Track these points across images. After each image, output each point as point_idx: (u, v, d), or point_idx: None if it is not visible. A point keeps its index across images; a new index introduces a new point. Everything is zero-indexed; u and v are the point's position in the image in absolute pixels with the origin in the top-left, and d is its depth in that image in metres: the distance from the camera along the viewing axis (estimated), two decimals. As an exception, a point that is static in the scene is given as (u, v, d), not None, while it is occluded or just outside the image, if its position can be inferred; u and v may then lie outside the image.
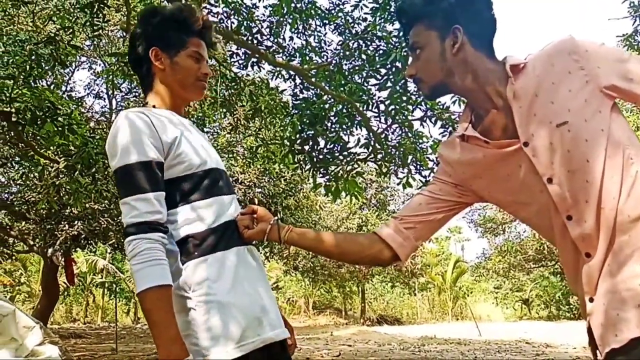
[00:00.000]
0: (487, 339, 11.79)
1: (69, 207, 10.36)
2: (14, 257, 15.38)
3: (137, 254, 1.22)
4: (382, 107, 6.30)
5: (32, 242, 12.14)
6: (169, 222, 1.31)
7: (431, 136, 6.87)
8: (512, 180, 1.21)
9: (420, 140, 6.81)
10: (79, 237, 11.58)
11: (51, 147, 6.50)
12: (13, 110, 5.82)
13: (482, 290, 28.70)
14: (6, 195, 11.28)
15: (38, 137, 6.49)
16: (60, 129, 5.92)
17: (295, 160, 6.84)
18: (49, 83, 7.50)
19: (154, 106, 1.45)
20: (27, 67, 5.73)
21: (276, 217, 1.50)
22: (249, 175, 12.12)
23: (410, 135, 6.74)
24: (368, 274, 20.61)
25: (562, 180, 1.13)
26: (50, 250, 11.94)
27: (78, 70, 21.24)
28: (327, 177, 6.94)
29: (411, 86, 6.11)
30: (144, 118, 1.32)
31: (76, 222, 11.13)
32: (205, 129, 11.62)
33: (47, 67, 6.53)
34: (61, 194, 8.73)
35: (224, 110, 8.42)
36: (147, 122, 1.31)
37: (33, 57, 5.68)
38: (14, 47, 6.86)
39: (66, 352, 3.29)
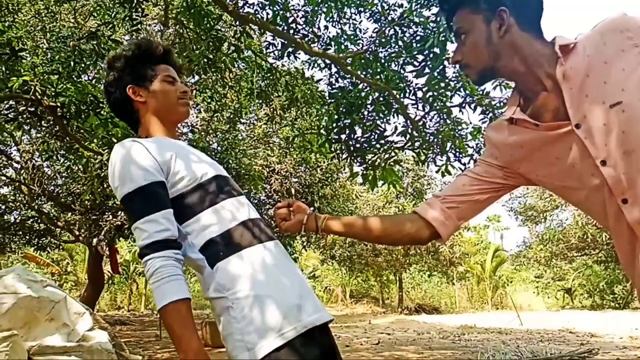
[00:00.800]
0: (529, 329, 11.58)
1: (112, 199, 10.66)
2: (61, 247, 15.96)
3: (152, 273, 1.26)
4: (419, 94, 6.23)
5: (77, 233, 12.57)
6: (188, 233, 1.34)
7: (470, 123, 6.77)
8: (560, 164, 1.18)
9: (459, 127, 6.70)
10: (122, 227, 11.91)
11: (95, 140, 6.68)
12: (58, 104, 6.01)
13: (523, 280, 28.16)
14: (52, 187, 11.68)
15: (82, 131, 6.69)
16: (103, 121, 6.09)
17: (332, 149, 6.83)
18: (90, 77, 7.70)
19: (146, 136, 1.49)
20: (71, 62, 5.89)
21: (312, 208, 1.52)
22: (286, 165, 12.19)
23: (448, 122, 6.65)
24: (405, 263, 20.48)
25: (616, 162, 1.10)
26: (95, 240, 12.33)
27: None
28: (364, 165, 6.92)
29: (449, 72, 6.01)
30: (137, 145, 1.36)
31: (119, 212, 11.45)
32: (242, 120, 11.75)
33: (89, 62, 6.70)
34: (104, 186, 9.00)
35: (260, 101, 8.49)
36: (140, 147, 1.35)
37: (76, 53, 5.84)
38: (58, 43, 7.08)
39: (114, 338, 3.40)
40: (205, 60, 6.26)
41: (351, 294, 26.32)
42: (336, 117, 6.52)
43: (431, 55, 5.70)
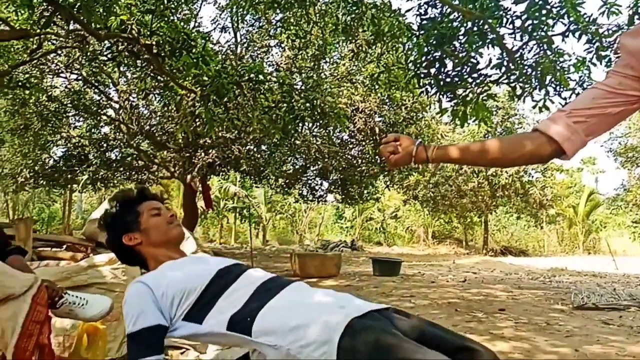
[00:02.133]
0: (626, 273, 11.03)
1: (204, 137, 11.12)
2: (158, 183, 17.01)
3: None
4: (517, 22, 5.80)
5: (172, 169, 13.31)
6: (210, 325, 1.42)
7: (574, 53, 6.25)
8: None
9: (561, 59, 6.21)
10: (213, 164, 12.47)
11: (187, 78, 6.91)
12: (153, 43, 6.24)
13: (618, 225, 26.66)
14: (148, 127, 12.33)
15: (174, 71, 6.93)
16: (195, 60, 6.27)
17: (421, 84, 6.61)
18: (179, 18, 7.88)
19: (155, 267, 1.62)
20: (164, 0, 6.05)
21: (419, 139, 1.48)
22: (370, 103, 12.03)
23: (549, 53, 6.17)
24: (492, 204, 19.94)
25: None
26: (188, 177, 13.03)
27: (204, 4, 21.98)
28: (455, 101, 6.67)
29: (553, -3, 5.54)
30: (139, 286, 1.48)
31: (211, 150, 11.96)
32: (326, 59, 11.64)
33: (180, 1, 6.84)
34: (197, 124, 9.38)
35: (345, 36, 8.31)
36: (142, 289, 1.46)
37: (167, -8, 5.96)
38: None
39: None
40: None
41: (433, 235, 26.22)
42: (426, 50, 6.26)
43: (533, -21, 5.26)
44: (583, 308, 5.60)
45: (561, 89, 6.26)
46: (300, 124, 8.15)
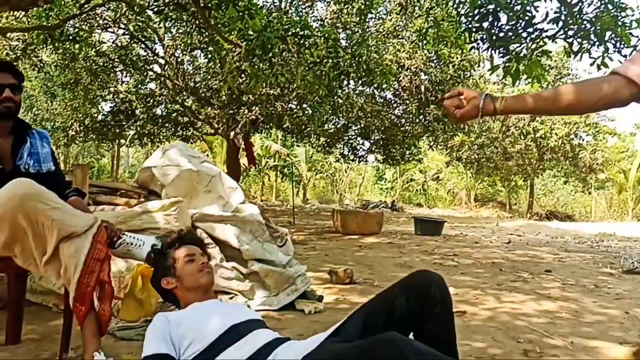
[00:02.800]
0: (678, 242, 10.63)
1: (247, 94, 11.14)
2: (202, 139, 17.27)
3: None
4: (578, -28, 5.47)
5: (216, 126, 13.46)
6: None
7: (638, 7, 5.86)
8: None
9: (623, 13, 5.84)
10: (256, 121, 12.52)
11: (233, 32, 6.87)
12: (200, -5, 6.21)
13: (672, 192, 25.59)
14: (192, 83, 12.42)
15: (220, 25, 6.89)
16: (240, 14, 6.21)
17: (471, 39, 6.36)
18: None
19: (185, 306, 1.84)
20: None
21: (485, 92, 1.42)
22: (416, 60, 11.72)
23: (610, 7, 5.81)
24: (539, 167, 19.39)
25: None
26: (232, 134, 13.16)
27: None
28: (507, 57, 6.41)
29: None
30: (165, 320, 1.68)
31: (254, 107, 11.99)
32: (371, 13, 11.32)
33: (226, -47, 6.71)
34: (242, 79, 9.38)
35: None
36: (167, 324, 1.67)
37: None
38: None
39: (262, 213, 3.67)
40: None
41: (476, 197, 25.84)
42: (478, 2, 5.99)
43: None
44: (633, 272, 5.45)
45: (622, 46, 5.91)
46: (345, 81, 8.04)
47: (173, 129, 14.54)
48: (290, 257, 3.65)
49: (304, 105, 12.72)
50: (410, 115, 12.99)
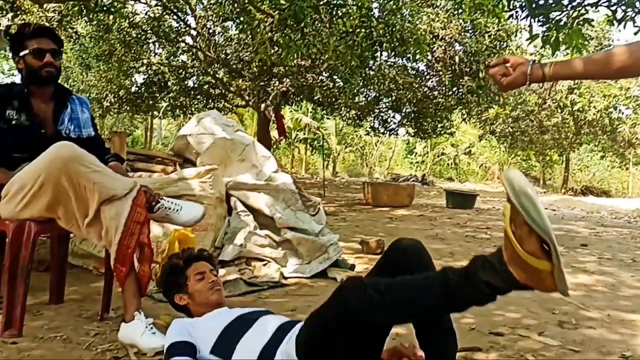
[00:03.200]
0: None
1: (278, 65, 11.09)
2: (233, 111, 17.35)
3: None
4: None
5: (247, 98, 13.49)
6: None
7: (688, -29, 5.55)
8: None
9: (673, -23, 5.56)
10: (287, 93, 12.50)
11: (265, 2, 6.82)
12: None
13: None
14: (224, 55, 12.43)
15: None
16: (273, -18, 6.15)
17: (510, 7, 6.16)
18: None
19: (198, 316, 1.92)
20: None
21: (532, 59, 1.38)
22: (451, 30, 11.43)
23: (659, -29, 5.53)
24: (575, 142, 18.86)
25: None
26: (263, 106, 13.18)
27: None
28: (547, 26, 6.19)
29: None
30: (184, 321, 1.83)
31: (285, 79, 11.95)
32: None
33: None
34: (275, 50, 9.32)
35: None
36: (187, 324, 1.79)
37: None
38: None
39: (294, 182, 3.69)
40: None
41: (508, 172, 25.34)
42: (518, -32, 5.78)
43: None
44: (673, 248, 5.30)
45: (670, 13, 5.64)
46: (378, 51, 7.91)
47: (205, 101, 14.64)
48: (322, 226, 3.68)
49: (335, 77, 12.61)
50: (444, 87, 12.74)
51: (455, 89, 12.34)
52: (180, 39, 12.21)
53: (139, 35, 11.26)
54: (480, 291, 1.21)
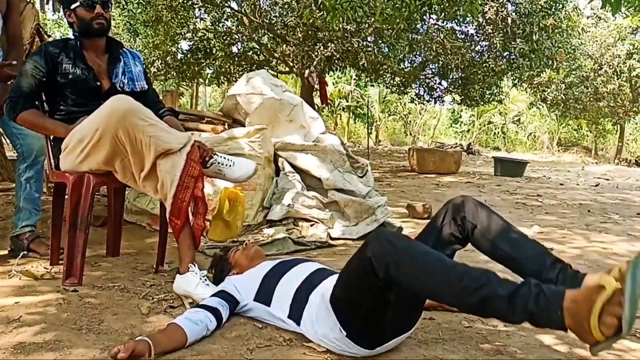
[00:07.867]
0: None
1: (323, 31, 10.92)
2: (277, 77, 17.31)
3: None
4: None
5: (291, 64, 13.39)
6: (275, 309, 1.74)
7: None
8: None
9: None
10: (332, 58, 12.32)
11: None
12: None
13: None
14: (267, 21, 12.32)
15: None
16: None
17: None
18: None
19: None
20: None
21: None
22: (503, -9, 10.94)
23: None
24: (631, 110, 17.94)
25: None
26: (306, 72, 13.07)
27: None
28: (609, -17, 5.82)
29: None
30: (231, 278, 1.95)
31: (329, 44, 11.77)
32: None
33: None
34: (318, 14, 9.17)
35: None
36: (232, 280, 1.92)
37: None
38: None
39: (342, 144, 3.65)
40: None
41: (559, 142, 24.51)
42: None
43: None
44: None
45: None
46: (427, 12, 7.66)
47: (249, 68, 14.64)
48: (370, 188, 3.64)
49: (380, 42, 12.32)
50: (494, 51, 12.27)
51: (506, 52, 11.87)
52: (225, 4, 12.17)
53: (185, 1, 11.29)
54: (518, 315, 1.14)
